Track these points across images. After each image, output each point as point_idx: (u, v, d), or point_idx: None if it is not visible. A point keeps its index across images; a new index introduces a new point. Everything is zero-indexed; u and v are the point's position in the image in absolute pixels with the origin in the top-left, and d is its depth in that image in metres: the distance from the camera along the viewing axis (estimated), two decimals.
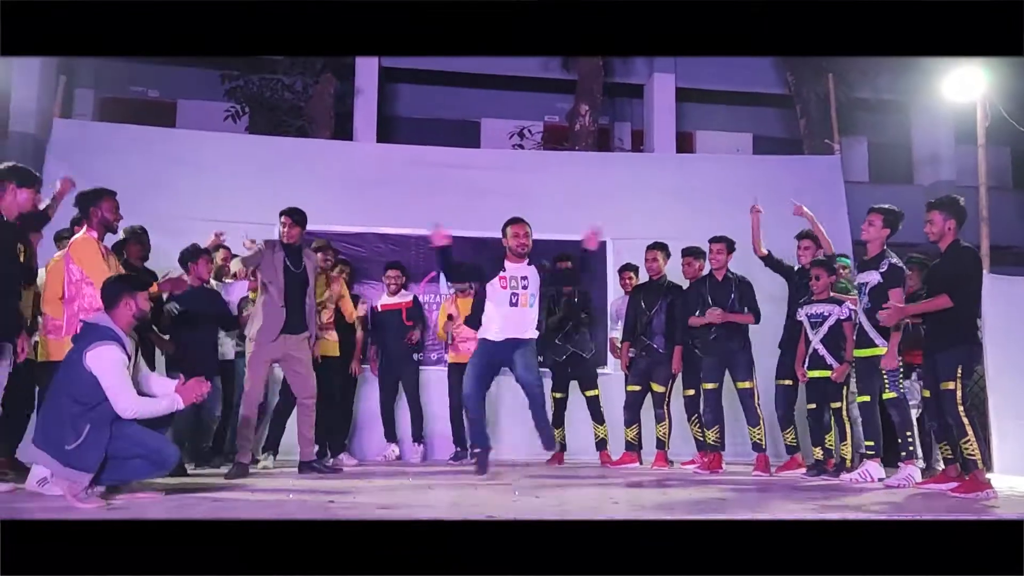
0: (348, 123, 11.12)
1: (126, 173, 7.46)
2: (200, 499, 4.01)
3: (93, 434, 3.67)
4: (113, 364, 3.73)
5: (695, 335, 6.30)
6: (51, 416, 3.70)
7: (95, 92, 12.30)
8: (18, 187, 4.42)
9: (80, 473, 3.64)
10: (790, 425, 6.03)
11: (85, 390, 3.69)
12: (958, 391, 4.57)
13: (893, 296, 4.97)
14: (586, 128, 10.02)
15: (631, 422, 6.54)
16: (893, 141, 13.03)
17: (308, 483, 4.91)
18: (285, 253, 5.48)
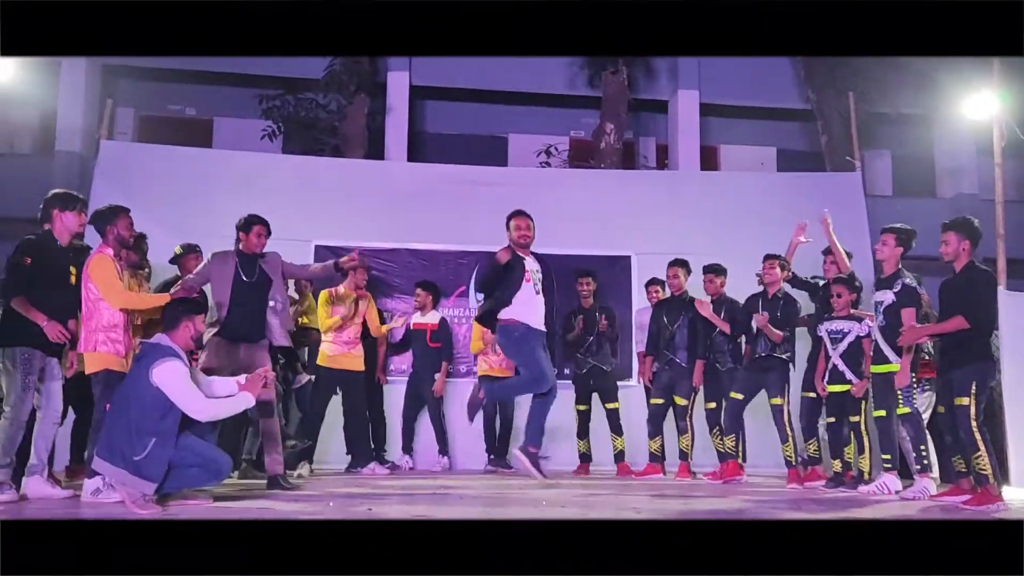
0: (380, 140, 11.43)
1: (169, 192, 7.85)
2: (246, 506, 4.29)
3: (158, 447, 3.96)
4: (178, 376, 4.04)
5: (716, 350, 6.49)
6: (118, 429, 3.99)
7: (135, 111, 12.75)
8: (62, 211, 4.63)
9: (147, 483, 3.94)
10: (813, 436, 6.17)
11: (150, 405, 3.98)
12: (972, 407, 4.72)
13: (905, 316, 5.14)
14: (611, 146, 10.27)
15: (655, 434, 6.73)
16: (916, 154, 13.11)
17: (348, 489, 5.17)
18: (239, 262, 5.33)
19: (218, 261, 5.31)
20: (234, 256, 5.34)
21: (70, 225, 4.66)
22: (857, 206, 8.40)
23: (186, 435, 4.09)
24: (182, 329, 4.20)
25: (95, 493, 4.29)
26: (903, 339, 5.05)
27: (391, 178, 8.88)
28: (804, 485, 5.94)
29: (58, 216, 4.63)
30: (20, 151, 11.98)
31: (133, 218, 5.36)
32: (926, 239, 5.56)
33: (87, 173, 10.53)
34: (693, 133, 12.22)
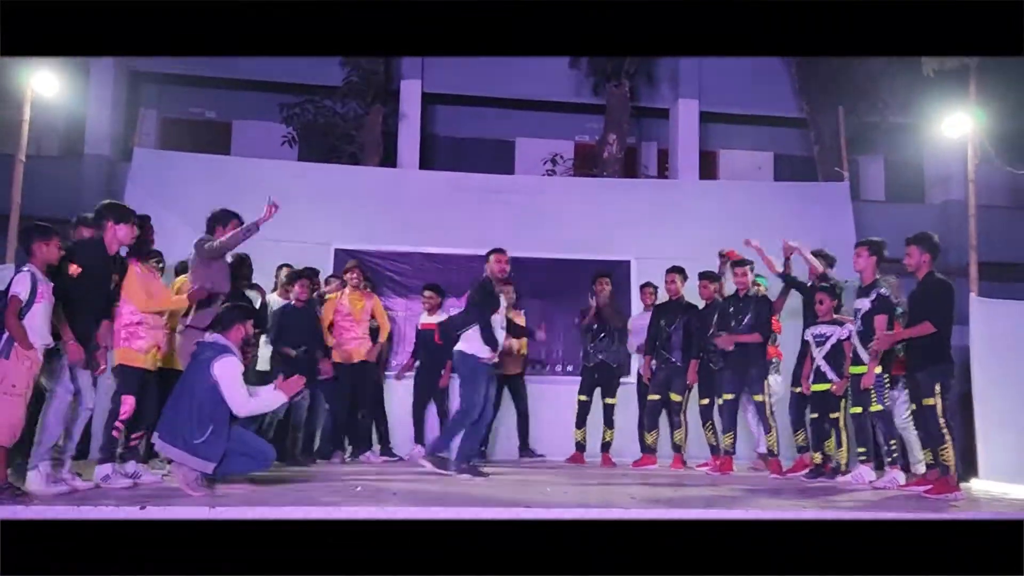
0: (392, 144, 11.92)
1: (196, 196, 8.30)
2: (284, 489, 4.82)
3: (216, 431, 4.53)
4: (234, 372, 4.60)
5: (710, 350, 7.00)
6: (180, 414, 4.54)
7: (158, 113, 13.23)
8: (116, 223, 4.77)
9: (207, 463, 4.49)
10: (800, 428, 6.64)
11: (210, 395, 4.54)
12: (938, 405, 5.26)
13: (877, 322, 5.66)
14: (613, 156, 10.77)
15: (651, 428, 7.25)
16: (907, 160, 13.55)
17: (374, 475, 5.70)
18: None
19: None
20: None
21: (123, 238, 4.83)
22: (845, 214, 8.89)
23: (236, 426, 4.64)
24: (234, 331, 4.77)
25: (105, 480, 4.73)
26: (877, 345, 5.55)
27: (406, 185, 9.41)
28: (786, 475, 6.45)
29: (112, 228, 4.78)
30: (48, 154, 12.44)
31: (164, 220, 5.79)
32: None
33: (115, 176, 11.06)
34: (693, 139, 12.69)
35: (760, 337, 6.66)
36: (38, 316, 4.32)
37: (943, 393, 5.27)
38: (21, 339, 4.18)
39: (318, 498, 4.41)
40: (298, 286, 6.78)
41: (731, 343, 6.65)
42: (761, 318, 6.69)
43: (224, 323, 4.78)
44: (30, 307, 4.27)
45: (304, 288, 6.82)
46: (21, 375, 4.20)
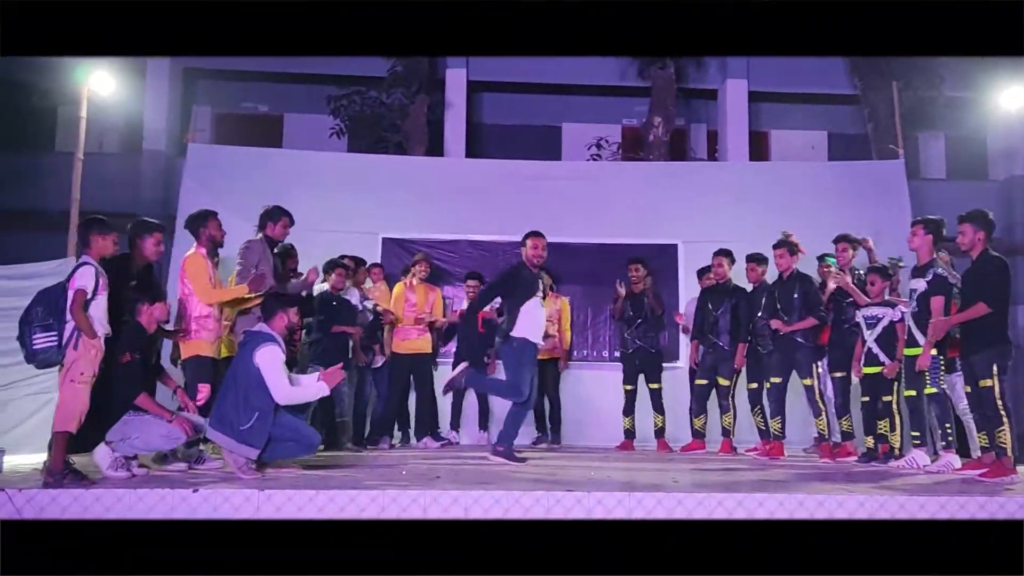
0: (439, 133, 12.00)
1: (249, 189, 8.51)
2: (330, 473, 4.93)
3: (260, 419, 4.65)
4: (274, 360, 4.71)
5: (758, 333, 6.90)
6: (227, 403, 4.69)
7: (212, 109, 13.55)
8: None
9: (252, 449, 4.62)
10: (846, 414, 6.54)
11: (255, 383, 4.66)
12: (996, 387, 5.10)
13: (934, 303, 5.51)
14: (659, 139, 10.65)
15: (699, 412, 7.21)
16: (969, 136, 13.10)
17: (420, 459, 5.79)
18: (272, 250, 5.87)
19: (259, 245, 5.78)
20: (265, 243, 5.86)
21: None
22: (900, 193, 8.65)
23: (282, 412, 4.76)
24: (278, 319, 4.88)
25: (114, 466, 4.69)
26: (933, 333, 5.41)
27: (451, 174, 9.45)
28: (836, 460, 6.34)
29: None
30: (108, 151, 12.85)
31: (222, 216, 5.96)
32: None
33: (172, 170, 11.38)
34: (742, 121, 12.46)
35: (814, 320, 6.53)
36: (100, 306, 4.50)
37: (1000, 374, 5.11)
38: (87, 330, 4.36)
39: (362, 480, 4.51)
40: (335, 275, 6.90)
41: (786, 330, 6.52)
42: (809, 299, 6.57)
43: (267, 312, 4.90)
44: (94, 298, 4.44)
45: (341, 277, 6.94)
46: (89, 363, 4.38)
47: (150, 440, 4.53)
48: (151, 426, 4.52)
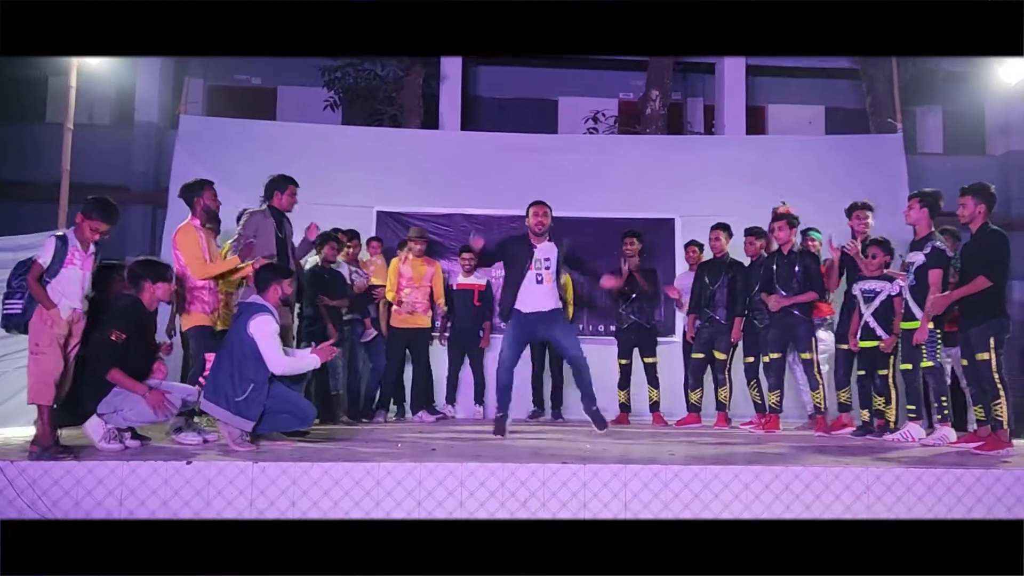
0: (435, 107, 11.88)
1: (242, 161, 8.43)
2: (326, 446, 4.91)
3: (255, 391, 4.63)
4: (268, 330, 4.68)
5: (755, 308, 6.87)
6: (221, 374, 4.65)
7: (204, 81, 13.38)
8: (153, 283, 4.73)
9: (246, 421, 4.60)
10: (846, 385, 6.50)
11: (249, 354, 4.64)
12: (992, 360, 5.09)
13: (932, 277, 5.48)
14: (656, 113, 10.57)
15: (695, 386, 7.20)
16: (966, 111, 13.02)
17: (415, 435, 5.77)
18: (274, 220, 5.71)
19: (259, 217, 5.68)
20: (269, 214, 5.75)
21: (161, 295, 4.81)
22: (898, 167, 8.62)
23: (278, 385, 4.73)
24: (272, 291, 4.85)
25: (177, 432, 4.89)
26: (932, 308, 5.38)
27: (446, 146, 9.38)
28: (831, 433, 6.35)
29: (149, 288, 4.74)
30: (100, 122, 12.71)
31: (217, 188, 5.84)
32: None
33: (164, 142, 11.27)
34: (739, 95, 12.34)
35: (815, 295, 6.51)
36: (65, 279, 4.43)
37: (997, 348, 5.10)
38: (43, 300, 4.32)
39: (358, 453, 4.49)
40: (327, 247, 6.85)
41: (779, 307, 6.49)
42: (810, 273, 6.53)
43: (260, 283, 4.85)
44: (58, 271, 4.39)
45: (333, 249, 6.89)
46: (43, 334, 4.33)
47: (143, 412, 4.49)
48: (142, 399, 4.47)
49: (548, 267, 5.97)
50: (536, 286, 5.92)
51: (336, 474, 3.93)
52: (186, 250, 5.16)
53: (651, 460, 4.42)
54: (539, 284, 5.92)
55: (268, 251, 5.56)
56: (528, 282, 5.91)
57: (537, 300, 5.92)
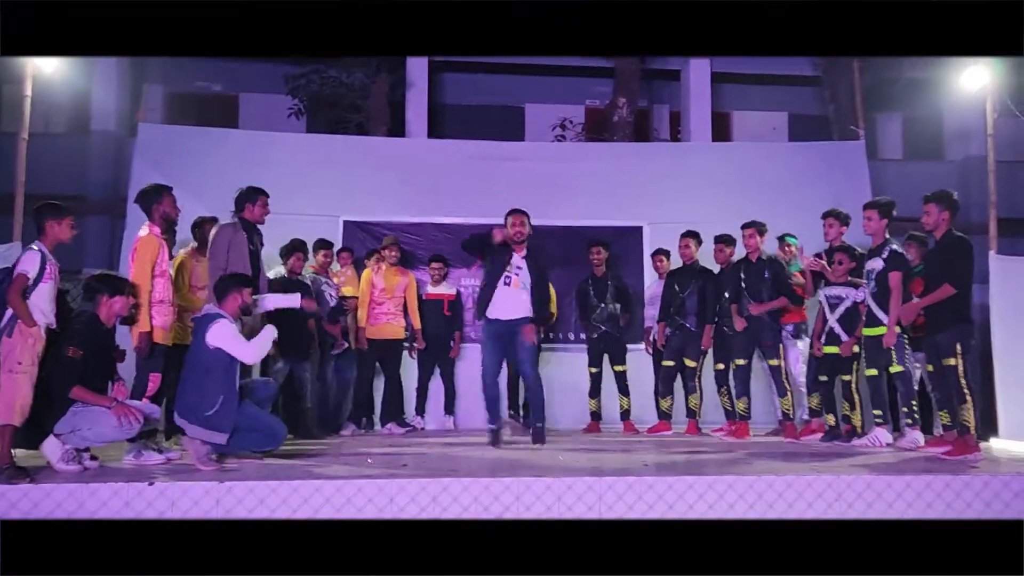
0: (401, 114, 11.79)
1: (203, 170, 8.28)
2: (294, 463, 4.81)
3: (226, 402, 4.55)
4: (228, 333, 4.60)
5: (725, 315, 6.90)
6: (190, 391, 4.55)
7: (164, 88, 13.13)
8: (111, 297, 4.59)
9: (220, 434, 4.51)
10: (815, 391, 6.55)
11: (214, 365, 4.55)
12: (959, 365, 5.15)
13: (892, 280, 5.55)
14: (624, 120, 10.61)
15: (665, 394, 7.20)
16: (925, 117, 13.23)
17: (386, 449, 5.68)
18: (247, 232, 5.63)
19: (230, 230, 5.60)
20: (240, 227, 5.65)
21: (119, 310, 4.66)
22: (861, 173, 8.72)
23: (248, 403, 4.67)
24: (230, 300, 4.76)
25: (137, 456, 4.70)
26: (904, 318, 5.42)
27: (414, 154, 9.29)
28: (801, 439, 6.38)
29: (107, 302, 4.61)
30: (56, 131, 12.41)
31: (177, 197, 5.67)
32: None
33: (122, 151, 11.01)
34: (705, 101, 12.45)
35: (786, 300, 6.55)
36: (44, 295, 4.30)
37: (964, 353, 5.16)
38: (25, 316, 4.16)
39: (327, 470, 4.39)
40: (293, 258, 6.75)
41: (759, 311, 6.53)
42: (780, 280, 6.58)
43: (219, 293, 4.75)
44: (36, 286, 4.25)
45: (300, 260, 6.79)
46: (26, 352, 4.18)
47: (103, 431, 4.34)
48: (102, 416, 4.33)
49: (518, 273, 5.89)
50: (504, 288, 5.85)
51: (305, 492, 3.83)
52: (139, 260, 4.91)
53: (624, 471, 4.39)
54: (506, 287, 5.85)
55: (241, 264, 5.45)
56: (499, 286, 5.87)
57: (504, 307, 5.84)
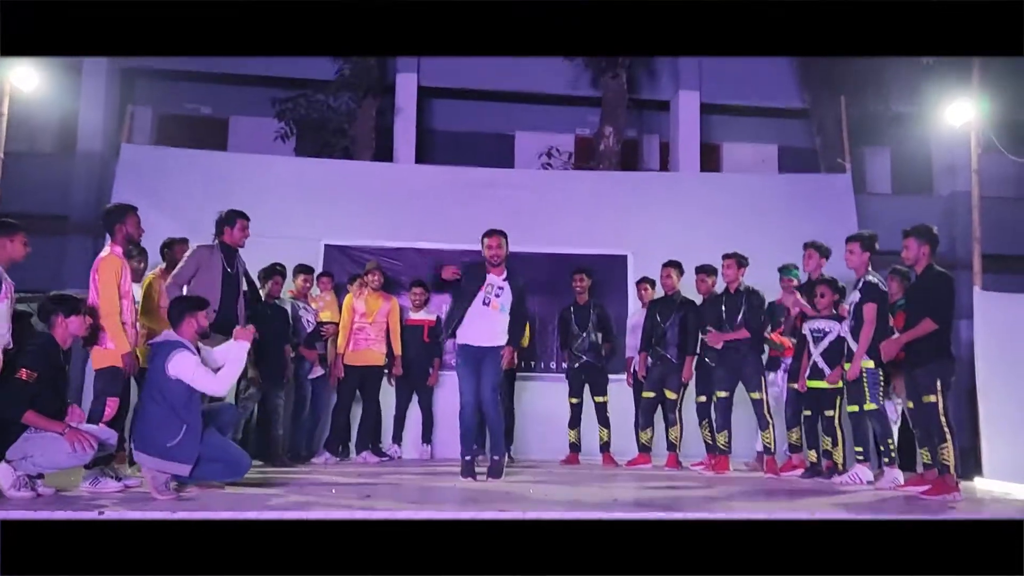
0: (389, 139, 11.74)
1: (186, 192, 8.21)
2: (256, 492, 4.67)
3: (189, 433, 4.39)
4: (191, 365, 4.42)
5: (706, 346, 6.81)
6: (149, 422, 4.40)
7: (153, 109, 13.09)
8: (66, 317, 4.48)
9: (182, 466, 4.36)
10: (796, 425, 6.43)
11: (174, 395, 4.39)
12: (939, 403, 5.05)
13: (866, 312, 5.48)
14: (610, 148, 10.57)
15: (646, 426, 7.07)
16: (914, 151, 13.24)
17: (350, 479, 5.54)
18: (223, 255, 5.57)
19: (204, 252, 5.53)
20: (219, 249, 5.58)
21: (75, 330, 4.54)
22: (847, 206, 8.68)
23: (212, 432, 4.52)
24: (186, 325, 4.58)
25: (94, 483, 4.55)
26: (885, 353, 5.32)
27: (399, 179, 9.22)
28: (781, 475, 6.27)
29: (62, 322, 4.49)
30: (41, 151, 12.33)
31: (154, 218, 5.59)
32: None
33: (107, 172, 10.87)
34: (694, 132, 12.44)
35: (747, 334, 6.47)
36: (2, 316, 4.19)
37: (944, 390, 5.07)
38: None
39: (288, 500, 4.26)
40: (272, 282, 6.66)
41: (719, 341, 6.48)
42: (752, 313, 6.51)
43: (173, 318, 4.60)
44: None
45: (278, 284, 6.70)
46: None
47: (54, 458, 4.19)
48: (54, 443, 4.19)
49: (498, 295, 5.72)
50: (482, 309, 5.65)
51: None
52: (103, 282, 4.76)
53: (598, 506, 4.28)
54: (485, 306, 5.65)
55: (211, 287, 5.35)
56: (475, 306, 5.65)
57: (480, 331, 5.66)
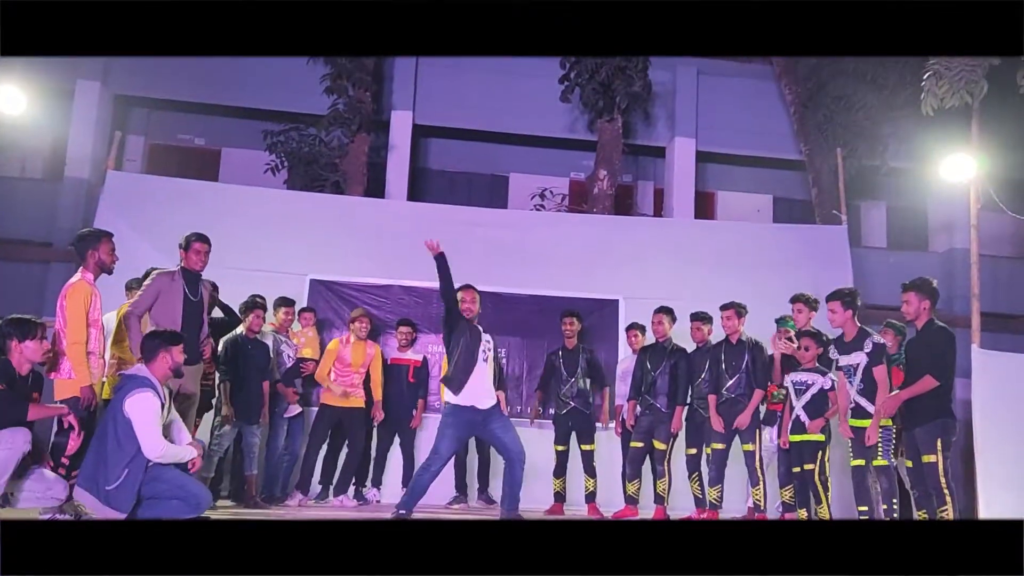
0: (381, 176, 11.65)
1: (172, 222, 7.99)
2: None
3: (130, 478, 4.13)
4: (147, 409, 4.17)
5: (698, 396, 6.61)
6: (95, 458, 4.16)
7: (145, 139, 13.00)
8: (20, 342, 4.35)
9: (117, 512, 4.10)
10: (789, 483, 6.24)
11: (124, 435, 4.15)
12: (940, 463, 4.87)
13: (878, 374, 5.28)
14: (604, 192, 10.49)
15: (633, 477, 6.82)
16: (910, 206, 13.23)
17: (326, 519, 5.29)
18: (185, 281, 5.38)
19: (165, 279, 5.30)
20: (180, 275, 5.38)
21: (31, 355, 4.42)
22: (843, 259, 8.57)
23: (169, 467, 4.25)
24: (160, 360, 4.35)
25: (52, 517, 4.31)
26: (884, 412, 5.16)
27: (388, 216, 9.08)
28: None
29: (17, 347, 4.36)
30: (31, 176, 12.20)
31: (135, 245, 5.42)
32: None
33: (93, 200, 10.73)
34: (689, 180, 12.40)
35: (762, 394, 6.32)
36: None
37: (944, 450, 4.90)
38: None
39: None
40: (252, 316, 6.47)
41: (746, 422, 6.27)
42: (758, 367, 6.33)
43: (146, 353, 4.37)
44: None
45: (259, 319, 6.51)
46: None
47: None
48: None
49: (489, 351, 5.69)
50: (482, 367, 5.56)
51: None
52: (70, 309, 4.59)
53: None
54: (484, 363, 5.59)
55: (167, 316, 5.14)
56: (478, 363, 5.55)
57: (480, 392, 5.54)
